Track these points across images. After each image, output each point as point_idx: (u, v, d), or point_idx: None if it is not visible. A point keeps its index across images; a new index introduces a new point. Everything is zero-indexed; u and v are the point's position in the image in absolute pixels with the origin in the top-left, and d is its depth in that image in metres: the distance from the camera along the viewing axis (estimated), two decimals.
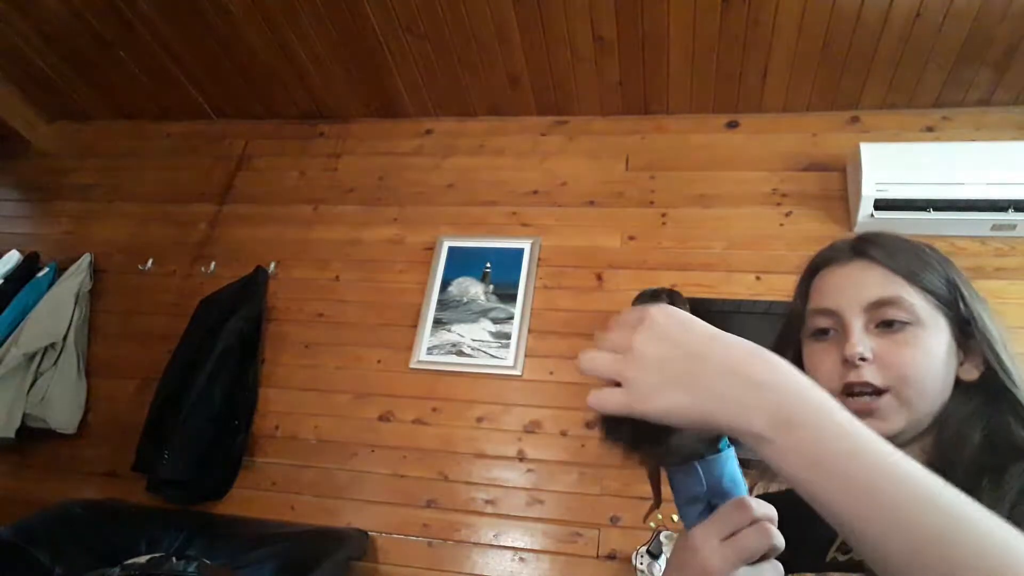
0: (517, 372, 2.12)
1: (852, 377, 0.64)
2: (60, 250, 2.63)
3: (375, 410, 2.16)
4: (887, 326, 0.67)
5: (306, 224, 2.54)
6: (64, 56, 2.69)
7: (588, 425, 1.95)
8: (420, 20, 2.28)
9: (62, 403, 2.24)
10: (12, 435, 2.17)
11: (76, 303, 2.41)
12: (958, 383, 0.67)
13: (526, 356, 2.14)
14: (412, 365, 2.19)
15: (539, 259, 2.29)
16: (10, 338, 2.31)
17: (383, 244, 2.44)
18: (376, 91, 2.60)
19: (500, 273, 2.29)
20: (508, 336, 2.17)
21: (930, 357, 0.65)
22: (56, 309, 2.36)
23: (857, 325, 0.68)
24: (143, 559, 1.60)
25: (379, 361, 2.23)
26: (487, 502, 1.99)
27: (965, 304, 0.69)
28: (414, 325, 2.25)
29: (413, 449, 2.09)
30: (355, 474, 2.09)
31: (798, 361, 0.73)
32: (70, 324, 2.35)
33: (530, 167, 2.49)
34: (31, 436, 2.24)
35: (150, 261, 2.57)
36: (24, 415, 2.19)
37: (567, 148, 2.50)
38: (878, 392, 0.64)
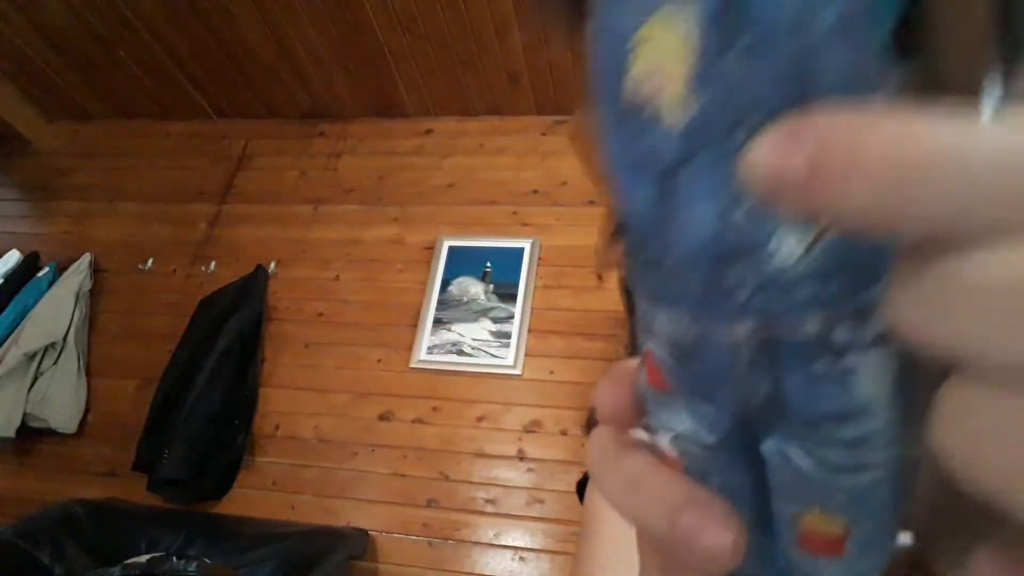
0: (517, 372, 2.12)
1: None
2: (60, 250, 2.63)
3: (375, 410, 2.16)
4: None
5: (306, 224, 2.54)
6: (64, 56, 2.68)
7: (588, 425, 1.95)
8: (420, 20, 2.28)
9: (62, 403, 2.24)
10: (12, 435, 2.17)
11: (76, 303, 2.41)
12: None
13: (526, 356, 2.14)
14: (412, 365, 2.19)
15: (539, 259, 2.29)
16: (10, 338, 2.31)
17: (383, 244, 2.44)
18: (376, 91, 2.60)
19: (500, 273, 2.29)
20: (508, 336, 2.17)
21: None
22: (56, 309, 2.36)
23: None
24: (143, 559, 1.60)
25: (379, 361, 2.23)
26: (487, 501, 1.99)
27: None
28: (414, 325, 2.25)
29: (413, 449, 2.09)
30: (355, 474, 2.09)
31: None
32: (70, 324, 2.35)
33: (530, 167, 2.49)
34: (31, 436, 2.24)
35: (150, 261, 2.57)
36: (24, 415, 2.19)
37: (568, 148, 2.50)
38: None
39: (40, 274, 2.51)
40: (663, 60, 0.11)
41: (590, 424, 0.73)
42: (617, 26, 0.12)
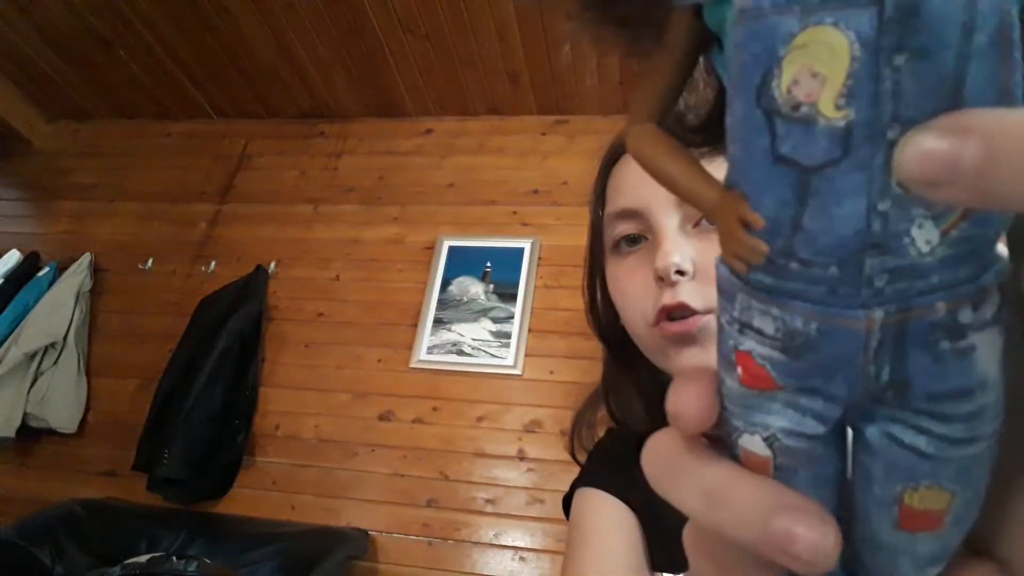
0: (517, 371, 2.12)
1: (667, 299, 0.48)
2: (60, 249, 2.63)
3: (375, 409, 2.16)
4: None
5: (306, 224, 2.54)
6: (64, 56, 2.68)
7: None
8: (420, 20, 2.28)
9: (62, 402, 2.24)
10: (12, 434, 2.17)
11: (76, 302, 2.41)
12: None
13: (526, 355, 2.14)
14: (412, 364, 2.19)
15: (539, 258, 2.29)
16: (10, 338, 2.31)
17: (383, 244, 2.44)
18: (376, 91, 2.60)
19: (500, 272, 2.29)
20: (508, 335, 2.17)
21: None
22: (56, 308, 2.36)
23: (670, 226, 0.50)
24: (143, 559, 1.60)
25: (379, 360, 2.23)
26: (487, 501, 1.99)
27: None
28: (414, 324, 2.25)
29: (413, 448, 2.09)
30: (355, 474, 2.09)
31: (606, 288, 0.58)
32: (70, 323, 2.35)
33: (530, 166, 2.49)
34: (31, 435, 2.24)
35: (150, 260, 2.57)
36: (24, 414, 2.19)
37: (568, 148, 2.50)
38: (699, 315, 0.48)
39: (40, 274, 2.51)
40: (821, 65, 0.12)
41: (576, 428, 0.72)
42: (770, 32, 0.13)
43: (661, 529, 0.57)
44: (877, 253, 0.13)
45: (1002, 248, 0.14)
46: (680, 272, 0.48)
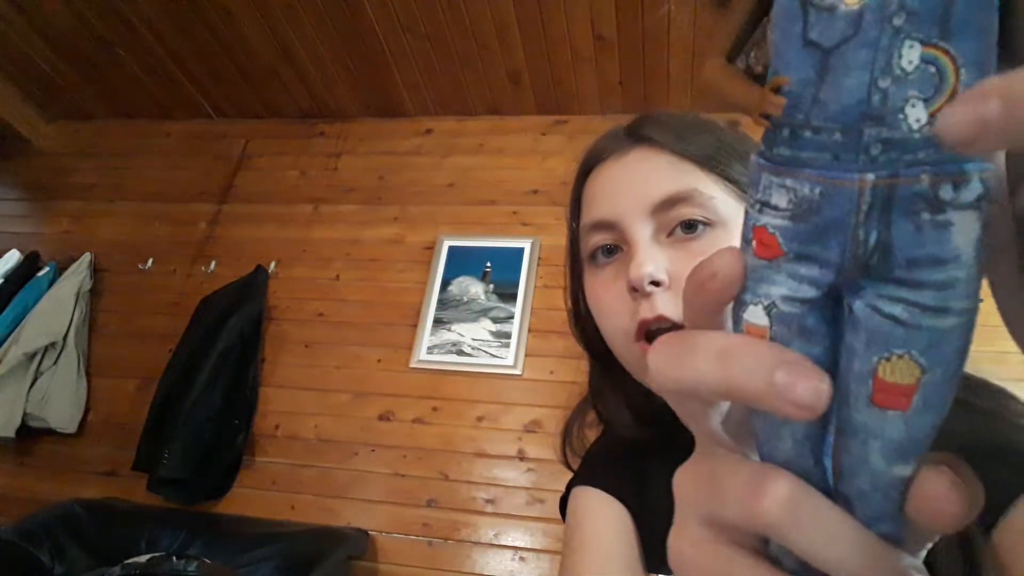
0: (517, 371, 2.12)
1: (645, 313, 0.47)
2: (60, 249, 2.63)
3: (375, 409, 2.16)
4: (688, 230, 0.50)
5: (306, 224, 2.54)
6: (64, 56, 2.68)
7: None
8: (420, 20, 2.28)
9: (62, 402, 2.24)
10: (12, 434, 2.17)
11: (76, 302, 2.41)
12: None
13: (526, 355, 2.14)
14: (412, 364, 2.19)
15: (539, 258, 2.29)
16: (10, 338, 2.31)
17: (383, 244, 2.44)
18: (376, 91, 2.60)
19: (500, 272, 2.29)
20: (508, 335, 2.17)
21: None
22: (56, 308, 2.36)
23: (643, 236, 0.50)
24: (143, 559, 1.60)
25: (379, 360, 2.23)
26: (487, 501, 1.99)
27: None
28: (414, 324, 2.25)
29: (413, 448, 2.09)
30: (355, 473, 2.09)
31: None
32: (70, 323, 2.35)
33: (530, 166, 2.49)
34: (31, 435, 2.24)
35: (150, 260, 2.57)
36: (24, 414, 2.19)
37: (567, 147, 2.50)
38: (678, 327, 0.46)
39: (40, 274, 2.51)
40: None
41: (566, 436, 0.72)
42: None
43: (655, 530, 0.57)
44: (874, 124, 0.16)
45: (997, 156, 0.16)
46: (655, 282, 0.47)
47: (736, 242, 0.19)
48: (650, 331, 0.48)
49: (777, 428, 0.19)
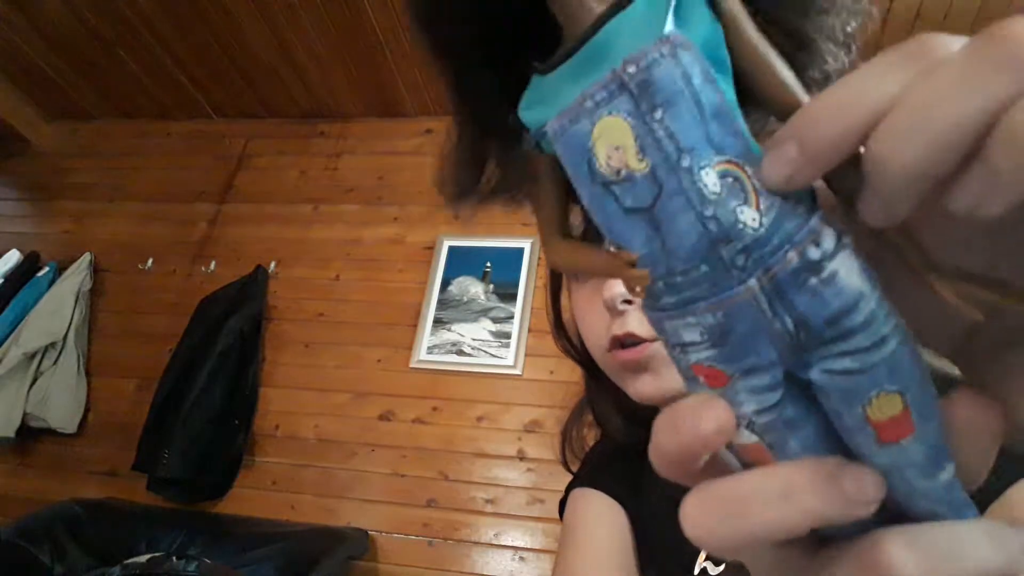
0: (517, 371, 2.12)
1: (615, 329, 0.49)
2: (60, 249, 2.63)
3: (375, 409, 2.16)
4: None
5: (306, 224, 2.54)
6: (64, 56, 2.68)
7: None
8: None
9: (62, 402, 2.24)
10: (12, 434, 2.17)
11: (76, 302, 2.41)
12: None
13: (526, 355, 2.14)
14: (412, 364, 2.19)
15: (539, 258, 2.29)
16: (10, 337, 2.31)
17: (383, 243, 2.44)
18: (376, 91, 2.60)
19: (500, 272, 2.29)
20: (508, 335, 2.17)
21: None
22: (56, 308, 2.36)
23: None
24: (143, 559, 1.60)
25: (379, 360, 2.23)
26: (487, 501, 1.99)
27: None
28: (414, 324, 2.25)
29: (413, 448, 2.09)
30: (355, 473, 2.09)
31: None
32: (70, 323, 2.35)
33: None
34: (31, 435, 2.24)
35: (150, 260, 2.57)
36: (24, 414, 2.19)
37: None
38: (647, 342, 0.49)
39: (40, 274, 2.51)
40: (617, 141, 0.18)
41: (565, 440, 0.73)
42: (577, 136, 0.18)
43: (652, 532, 0.57)
44: (725, 243, 0.17)
45: (821, 192, 0.18)
46: (627, 301, 0.49)
47: None
48: (623, 343, 0.50)
49: (786, 440, 0.19)
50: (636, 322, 0.49)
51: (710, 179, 0.17)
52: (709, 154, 0.17)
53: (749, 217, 0.17)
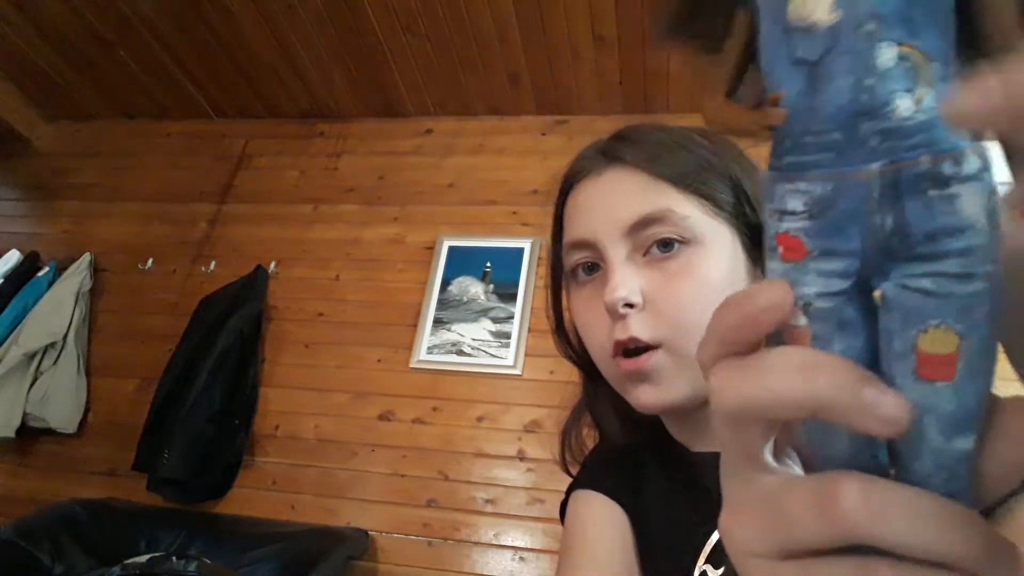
0: (517, 371, 2.12)
1: (618, 334, 0.49)
2: (60, 249, 2.63)
3: (375, 409, 2.16)
4: (664, 249, 0.50)
5: (306, 224, 2.54)
6: (64, 56, 2.68)
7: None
8: (420, 20, 2.28)
9: (62, 402, 2.24)
10: (12, 434, 2.17)
11: (76, 302, 2.41)
12: None
13: (526, 355, 2.14)
14: (412, 364, 2.19)
15: (539, 258, 2.29)
16: (10, 337, 2.31)
17: (383, 244, 2.44)
18: (376, 91, 2.60)
19: (500, 272, 2.29)
20: (508, 335, 2.17)
21: (711, 287, 0.49)
22: (56, 308, 2.36)
23: (618, 257, 0.51)
24: (143, 559, 1.60)
25: (379, 360, 2.23)
26: (487, 501, 1.99)
27: (752, 206, 0.53)
28: (414, 324, 2.25)
29: (413, 448, 2.09)
30: (355, 473, 2.09)
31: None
32: (70, 323, 2.35)
33: (530, 166, 2.49)
34: (31, 435, 2.24)
35: (150, 260, 2.57)
36: (24, 414, 2.19)
37: (567, 147, 2.49)
38: (650, 347, 0.49)
39: (40, 274, 2.51)
40: None
41: (564, 443, 0.72)
42: None
43: (651, 533, 0.57)
44: (868, 119, 0.17)
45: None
46: (629, 304, 0.49)
47: (714, 259, 0.19)
48: (627, 349, 0.50)
49: (831, 434, 0.19)
50: (639, 326, 0.49)
51: (886, 54, 0.17)
52: (898, 31, 0.17)
53: (904, 106, 0.17)
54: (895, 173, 0.17)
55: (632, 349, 0.49)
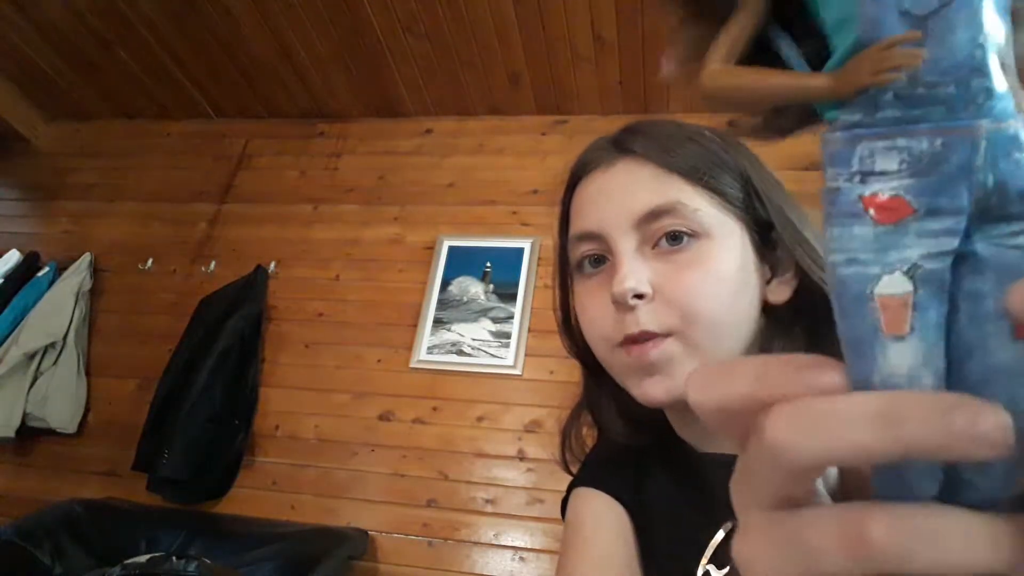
0: (517, 371, 2.12)
1: (630, 328, 0.48)
2: (60, 249, 2.63)
3: (375, 409, 2.16)
4: (673, 242, 0.50)
5: (306, 224, 2.54)
6: (64, 56, 2.68)
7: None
8: (420, 20, 2.28)
9: (62, 402, 2.24)
10: (12, 435, 2.17)
11: (76, 302, 2.41)
12: (766, 308, 0.52)
13: (526, 355, 2.14)
14: (412, 364, 2.19)
15: (539, 258, 2.29)
16: (10, 338, 2.31)
17: (383, 244, 2.44)
18: (376, 91, 2.60)
19: (500, 272, 2.29)
20: (508, 335, 2.17)
21: (720, 279, 0.49)
22: (56, 308, 2.36)
23: (627, 249, 0.51)
24: (143, 559, 1.60)
25: (379, 360, 2.23)
26: (487, 501, 1.99)
27: (762, 202, 0.53)
28: (414, 324, 2.25)
29: (413, 448, 2.09)
30: (355, 473, 2.09)
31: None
32: (70, 323, 2.35)
33: (530, 166, 2.49)
34: (31, 435, 2.24)
35: (150, 260, 2.57)
36: (24, 414, 2.19)
37: (567, 147, 2.50)
38: (660, 337, 0.48)
39: (40, 274, 2.51)
40: None
41: (564, 442, 0.72)
42: None
43: (653, 531, 0.57)
44: (979, 75, 0.17)
45: None
46: (638, 295, 0.48)
47: (723, 253, 0.18)
48: (637, 342, 0.49)
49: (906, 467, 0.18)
50: (648, 317, 0.48)
51: (997, 9, 0.17)
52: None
53: (995, 66, 0.17)
54: (996, 132, 0.17)
55: (640, 341, 0.49)
